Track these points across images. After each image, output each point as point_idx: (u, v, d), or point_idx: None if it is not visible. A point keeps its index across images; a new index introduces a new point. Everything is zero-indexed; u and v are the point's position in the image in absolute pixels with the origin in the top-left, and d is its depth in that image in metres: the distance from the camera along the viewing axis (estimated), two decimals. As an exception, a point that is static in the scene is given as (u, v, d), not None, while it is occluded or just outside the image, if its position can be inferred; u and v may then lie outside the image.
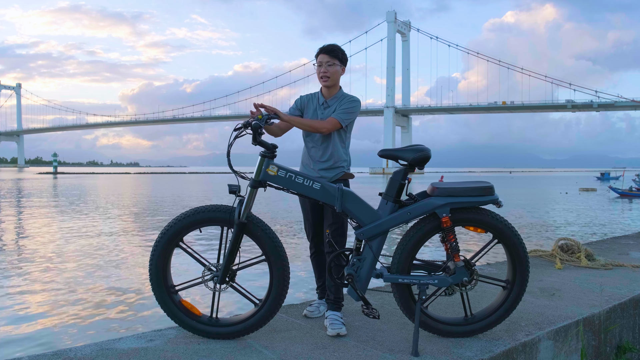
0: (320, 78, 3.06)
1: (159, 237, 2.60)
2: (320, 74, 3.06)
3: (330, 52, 3.06)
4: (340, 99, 3.09)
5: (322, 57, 3.06)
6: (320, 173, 3.05)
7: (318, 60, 3.07)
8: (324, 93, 3.12)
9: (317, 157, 3.07)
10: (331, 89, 3.10)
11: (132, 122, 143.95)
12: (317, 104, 3.13)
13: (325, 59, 3.05)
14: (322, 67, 3.05)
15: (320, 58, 3.06)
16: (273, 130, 3.06)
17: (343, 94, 3.14)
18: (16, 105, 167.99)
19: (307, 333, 2.77)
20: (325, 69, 3.04)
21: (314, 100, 3.15)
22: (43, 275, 9.28)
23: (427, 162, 2.64)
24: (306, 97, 3.18)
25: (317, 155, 3.07)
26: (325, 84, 3.08)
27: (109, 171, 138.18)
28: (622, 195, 37.16)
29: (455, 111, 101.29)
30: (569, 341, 2.94)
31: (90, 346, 2.51)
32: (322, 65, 3.05)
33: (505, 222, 2.63)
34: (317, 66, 3.08)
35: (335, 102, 3.10)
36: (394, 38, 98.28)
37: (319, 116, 3.08)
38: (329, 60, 3.05)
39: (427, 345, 2.60)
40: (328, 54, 3.06)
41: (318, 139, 3.06)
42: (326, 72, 3.04)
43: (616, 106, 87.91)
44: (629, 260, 4.83)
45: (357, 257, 2.62)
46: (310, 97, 3.17)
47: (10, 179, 65.51)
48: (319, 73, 3.06)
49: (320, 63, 3.06)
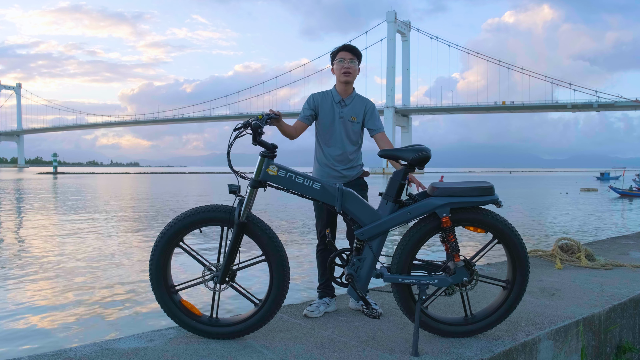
0: (342, 73, 3.15)
1: (159, 237, 2.59)
2: (342, 69, 3.14)
3: (353, 51, 3.16)
4: (359, 102, 3.21)
5: (345, 54, 3.15)
6: (343, 172, 3.17)
7: (340, 56, 3.16)
8: (339, 91, 3.21)
9: (339, 157, 3.17)
10: (348, 87, 3.20)
11: (132, 122, 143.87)
12: (332, 101, 3.20)
13: (348, 55, 3.15)
14: (345, 62, 3.14)
15: (343, 54, 3.16)
16: (289, 132, 3.08)
17: (358, 95, 3.25)
18: (16, 105, 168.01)
19: (307, 333, 2.77)
20: (349, 65, 3.13)
21: (327, 98, 3.21)
22: (43, 275, 9.28)
23: (427, 162, 2.64)
24: (319, 95, 3.23)
25: (338, 155, 3.17)
26: (347, 79, 3.15)
27: (109, 171, 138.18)
28: (622, 195, 37.16)
29: (456, 111, 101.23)
30: (569, 341, 2.94)
31: (90, 346, 2.51)
32: (344, 60, 3.14)
33: (505, 222, 2.63)
34: (338, 62, 3.16)
35: (352, 101, 3.19)
36: (394, 38, 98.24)
37: (337, 114, 3.17)
38: (352, 58, 3.15)
39: (427, 345, 2.60)
40: (351, 51, 3.16)
41: (345, 140, 3.17)
42: (349, 68, 3.13)
43: (616, 106, 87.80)
44: (629, 260, 4.83)
45: (357, 257, 2.62)
46: (323, 95, 3.23)
47: (10, 179, 65.48)
48: (340, 68, 3.15)
49: (342, 59, 3.15)
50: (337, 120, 3.17)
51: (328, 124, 3.19)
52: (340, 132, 3.17)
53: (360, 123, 3.22)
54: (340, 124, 3.17)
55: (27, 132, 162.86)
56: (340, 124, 3.17)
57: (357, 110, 3.20)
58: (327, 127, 3.19)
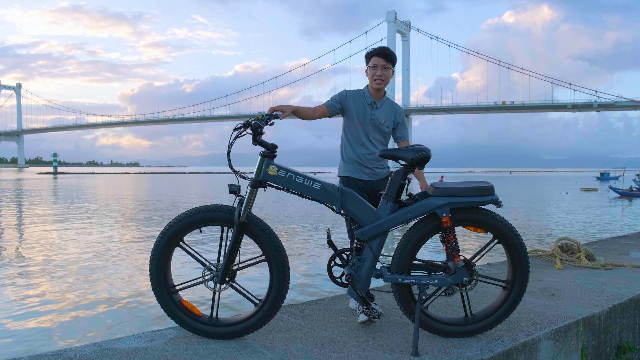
0: (374, 80, 3.10)
1: (159, 237, 2.60)
2: (374, 77, 3.09)
3: (387, 57, 3.08)
4: (390, 106, 3.21)
5: (378, 60, 3.08)
6: (376, 170, 3.20)
7: (372, 62, 3.09)
8: (372, 93, 3.18)
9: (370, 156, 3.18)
10: (380, 91, 3.17)
11: (132, 122, 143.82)
12: (365, 102, 3.18)
13: (382, 62, 3.07)
14: (378, 70, 3.08)
15: (376, 61, 3.08)
16: (306, 114, 3.07)
17: (388, 99, 3.24)
18: (16, 105, 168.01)
19: (307, 333, 2.77)
20: (381, 73, 3.07)
21: (361, 97, 3.19)
22: (43, 275, 9.28)
23: (427, 162, 2.64)
24: (352, 92, 3.21)
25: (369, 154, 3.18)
26: (379, 87, 3.12)
27: (109, 171, 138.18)
28: (622, 195, 37.17)
29: (456, 111, 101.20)
30: (569, 341, 2.94)
31: (90, 346, 2.51)
32: (376, 67, 3.08)
33: (505, 222, 2.63)
34: (371, 67, 3.11)
35: (383, 105, 3.19)
36: (394, 38, 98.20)
37: (369, 116, 3.15)
38: (385, 64, 3.08)
39: (427, 345, 2.60)
40: (385, 57, 3.08)
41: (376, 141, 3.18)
42: (381, 76, 3.08)
43: (616, 106, 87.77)
44: (629, 260, 4.83)
45: (357, 257, 2.62)
46: (356, 93, 3.20)
47: (10, 179, 65.48)
48: (372, 75, 3.10)
49: (375, 65, 3.08)
50: (368, 121, 3.17)
51: (360, 123, 3.18)
52: (372, 133, 3.17)
53: (390, 127, 3.22)
54: (371, 125, 3.17)
55: (27, 132, 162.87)
56: (370, 125, 3.17)
57: (388, 114, 3.21)
58: (359, 126, 3.18)
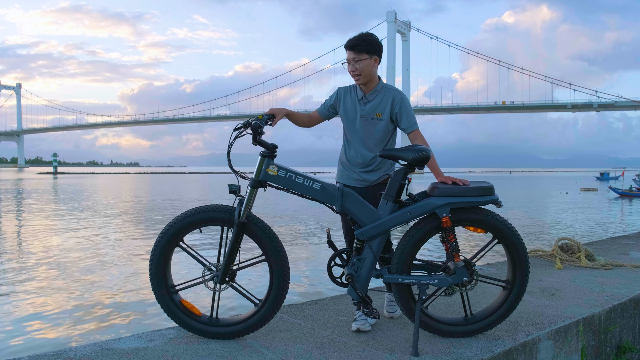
0: (352, 76, 2.84)
1: (159, 237, 2.60)
2: (350, 73, 2.83)
3: (354, 48, 2.77)
4: (386, 95, 2.84)
5: (348, 54, 2.81)
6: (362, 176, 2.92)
7: (346, 58, 2.83)
8: (362, 87, 2.89)
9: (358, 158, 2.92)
10: (368, 83, 2.85)
11: (132, 122, 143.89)
12: (355, 98, 2.90)
13: (351, 55, 2.79)
14: (350, 64, 2.80)
15: (347, 55, 2.81)
16: (302, 121, 2.96)
17: (385, 87, 2.88)
18: (16, 105, 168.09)
19: (307, 333, 2.77)
20: (354, 67, 2.79)
21: (351, 94, 2.92)
22: (43, 276, 9.28)
23: (427, 162, 2.64)
24: (343, 89, 2.96)
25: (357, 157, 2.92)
26: (358, 82, 2.84)
27: (109, 171, 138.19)
28: (622, 195, 37.17)
29: (456, 111, 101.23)
30: (569, 341, 2.94)
31: (90, 346, 2.51)
32: (349, 62, 2.81)
33: (505, 222, 2.63)
34: (347, 64, 2.83)
35: (376, 96, 2.85)
36: (394, 38, 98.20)
37: (359, 112, 2.86)
38: (355, 57, 2.78)
39: (427, 345, 2.60)
40: (352, 49, 2.78)
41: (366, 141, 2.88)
42: (354, 70, 2.79)
43: (616, 106, 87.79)
44: (629, 260, 4.83)
45: (357, 257, 2.62)
46: (347, 89, 2.95)
47: (10, 179, 65.46)
48: (349, 71, 2.84)
49: (347, 61, 2.82)
50: (359, 119, 2.87)
51: (350, 122, 2.92)
52: (361, 132, 2.87)
53: (387, 120, 2.85)
54: (362, 123, 2.87)
55: (27, 132, 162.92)
56: (361, 123, 2.87)
57: (383, 105, 2.84)
58: (349, 125, 2.93)
